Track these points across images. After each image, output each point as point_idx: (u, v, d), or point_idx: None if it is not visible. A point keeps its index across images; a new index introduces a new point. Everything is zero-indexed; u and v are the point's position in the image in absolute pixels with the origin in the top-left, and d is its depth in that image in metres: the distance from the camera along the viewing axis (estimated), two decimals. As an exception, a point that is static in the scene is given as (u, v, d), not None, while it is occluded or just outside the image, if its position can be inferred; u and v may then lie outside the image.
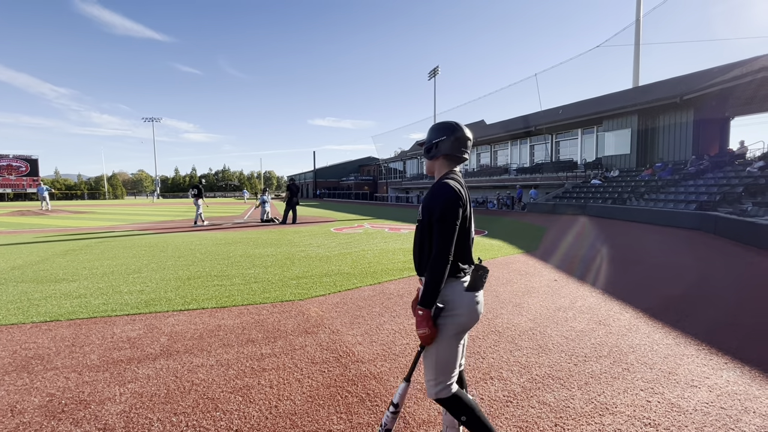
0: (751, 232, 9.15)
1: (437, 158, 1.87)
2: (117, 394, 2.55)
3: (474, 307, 1.73)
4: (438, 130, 1.86)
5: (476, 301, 1.73)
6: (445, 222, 1.64)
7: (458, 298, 1.70)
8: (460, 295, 1.71)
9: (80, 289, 5.10)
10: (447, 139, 1.82)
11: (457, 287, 1.72)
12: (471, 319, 1.73)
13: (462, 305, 1.70)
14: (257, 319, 4.01)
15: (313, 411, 2.36)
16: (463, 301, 1.70)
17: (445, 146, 1.82)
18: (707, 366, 2.96)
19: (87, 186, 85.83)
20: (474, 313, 1.73)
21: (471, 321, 1.73)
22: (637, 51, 28.07)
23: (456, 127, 1.84)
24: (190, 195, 14.90)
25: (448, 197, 1.66)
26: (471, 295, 1.72)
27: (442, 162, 1.86)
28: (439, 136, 1.84)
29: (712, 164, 16.59)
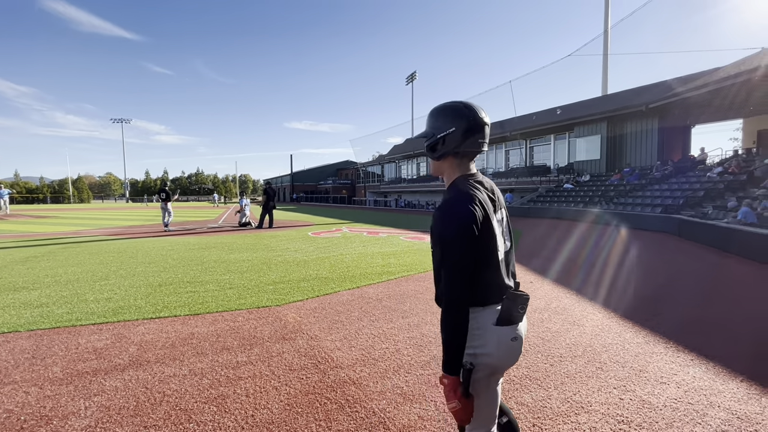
0: (711, 234, 9.64)
1: (446, 158, 1.42)
2: (82, 408, 2.42)
3: (508, 346, 1.32)
4: (443, 117, 1.39)
5: (512, 337, 1.32)
6: (451, 258, 1.24)
7: (484, 333, 1.31)
8: (487, 330, 1.31)
9: (42, 298, 4.83)
10: (456, 132, 1.35)
11: (482, 318, 1.32)
12: (502, 360, 1.33)
13: (490, 342, 1.31)
14: (232, 326, 3.90)
15: (291, 419, 2.31)
16: (491, 337, 1.31)
17: (455, 140, 1.36)
18: (675, 363, 3.08)
19: (50, 189, 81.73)
20: (508, 353, 1.33)
21: (503, 362, 1.35)
22: (605, 61, 29.22)
23: (467, 111, 1.36)
24: (155, 200, 14.40)
25: (454, 222, 1.25)
26: (502, 330, 1.31)
27: (452, 161, 1.42)
28: (446, 127, 1.36)
29: (675, 170, 17.41)
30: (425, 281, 5.81)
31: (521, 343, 1.36)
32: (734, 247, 8.48)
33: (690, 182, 15.50)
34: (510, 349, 1.33)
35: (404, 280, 5.91)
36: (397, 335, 3.65)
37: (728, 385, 2.73)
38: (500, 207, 1.45)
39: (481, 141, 1.39)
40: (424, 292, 5.21)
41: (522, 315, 1.35)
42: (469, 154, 1.42)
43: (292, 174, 71.03)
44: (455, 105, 1.39)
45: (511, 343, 1.33)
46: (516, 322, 1.34)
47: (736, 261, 7.63)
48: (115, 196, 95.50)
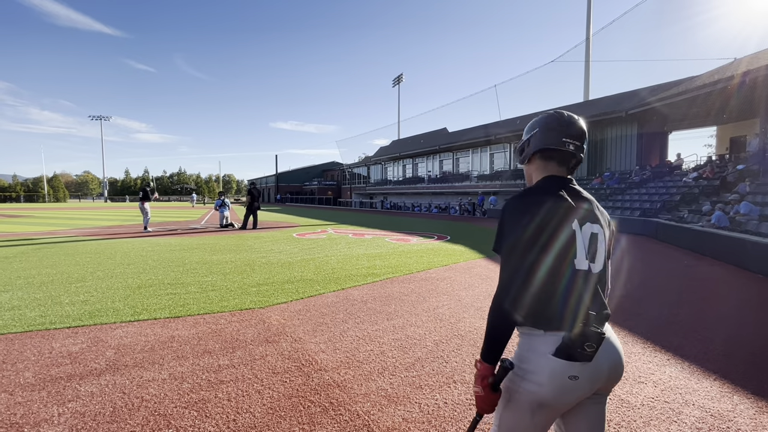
0: (687, 237, 9.96)
1: (531, 160, 1.38)
2: (55, 414, 2.33)
3: (563, 382, 1.14)
4: (532, 123, 1.38)
5: (570, 375, 1.14)
6: (501, 247, 1.22)
7: (536, 359, 1.18)
8: (542, 357, 1.17)
9: (13, 300, 4.65)
10: (539, 131, 1.32)
11: (537, 343, 1.20)
12: (556, 396, 1.16)
13: (542, 372, 1.16)
14: (214, 328, 3.83)
15: (275, 423, 2.28)
16: (544, 365, 1.16)
17: (537, 139, 1.33)
18: (652, 363, 3.16)
19: (23, 188, 79.00)
20: (563, 390, 1.15)
21: (556, 399, 1.17)
22: (587, 67, 29.91)
23: (553, 113, 1.34)
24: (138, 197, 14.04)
25: (511, 210, 1.23)
26: (558, 363, 1.14)
27: (538, 164, 1.35)
28: (532, 130, 1.35)
29: (653, 174, 17.93)
30: (410, 283, 5.82)
31: (585, 385, 1.16)
32: (708, 249, 8.77)
33: (667, 187, 15.97)
34: (565, 386, 1.15)
35: (389, 282, 5.91)
36: (382, 337, 3.65)
37: (702, 383, 2.81)
38: (593, 221, 1.25)
39: (566, 140, 1.29)
40: (409, 294, 5.22)
41: (588, 355, 1.12)
42: (555, 156, 1.32)
43: (277, 174, 70.35)
44: (546, 112, 1.35)
45: (569, 381, 1.14)
46: (579, 359, 1.13)
47: (709, 263, 7.89)
48: (93, 195, 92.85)
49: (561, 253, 1.17)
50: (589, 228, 1.23)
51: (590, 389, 1.19)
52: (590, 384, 1.17)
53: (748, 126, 18.32)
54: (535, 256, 1.16)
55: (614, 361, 1.21)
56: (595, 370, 1.16)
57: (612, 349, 1.21)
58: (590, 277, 1.21)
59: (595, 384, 1.19)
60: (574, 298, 1.17)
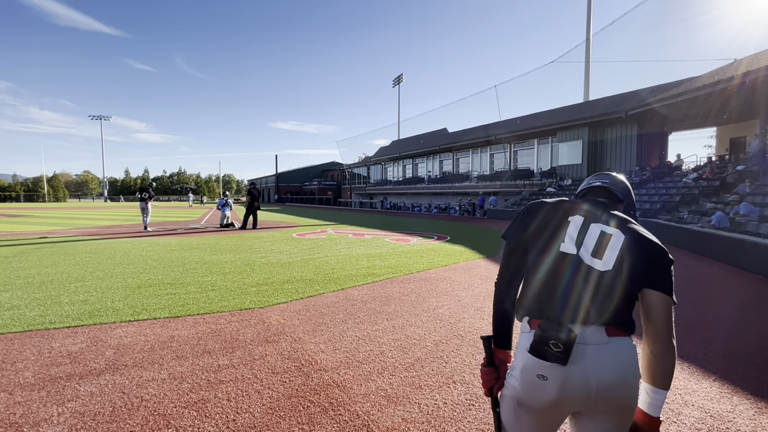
0: (687, 237, 9.97)
1: None
2: (54, 414, 2.33)
3: (531, 380, 1.12)
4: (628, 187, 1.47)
5: (537, 374, 1.11)
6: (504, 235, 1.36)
7: (517, 354, 1.20)
8: (519, 352, 1.18)
9: (13, 300, 4.65)
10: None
11: (521, 339, 1.21)
12: (525, 393, 1.14)
13: (516, 366, 1.18)
14: (214, 328, 3.83)
15: (274, 423, 2.28)
16: (519, 361, 1.17)
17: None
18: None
19: (23, 187, 78.98)
20: (531, 389, 1.13)
21: (526, 397, 1.14)
22: (587, 68, 29.93)
23: None
24: (138, 197, 14.02)
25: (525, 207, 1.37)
26: (529, 359, 1.12)
27: None
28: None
29: (653, 175, 17.94)
30: (410, 283, 5.82)
31: (554, 388, 1.09)
32: (708, 250, 8.78)
33: (667, 187, 15.99)
34: (533, 384, 1.12)
35: (389, 282, 5.91)
36: (382, 337, 3.65)
37: (702, 384, 2.81)
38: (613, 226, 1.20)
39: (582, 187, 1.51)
40: (408, 294, 5.22)
41: (555, 355, 1.07)
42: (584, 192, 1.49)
43: (277, 174, 70.37)
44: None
45: (536, 380, 1.11)
46: (545, 359, 1.08)
47: (709, 263, 7.89)
48: (93, 195, 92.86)
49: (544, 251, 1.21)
50: (598, 227, 1.20)
51: (564, 398, 1.09)
52: (561, 390, 1.08)
53: (748, 127, 18.33)
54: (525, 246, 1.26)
55: (609, 381, 1.07)
56: (570, 377, 1.07)
57: (611, 366, 1.09)
58: (591, 272, 1.14)
59: (573, 395, 1.09)
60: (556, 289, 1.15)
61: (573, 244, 1.19)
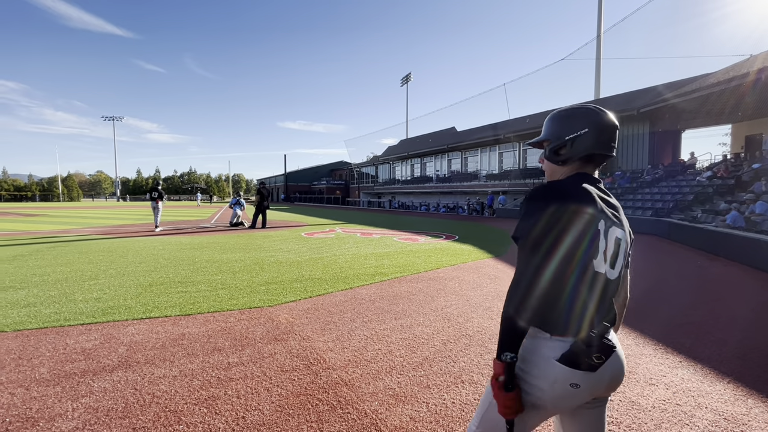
0: (700, 237, 9.79)
1: (572, 162, 1.27)
2: (69, 409, 2.38)
3: (564, 390, 1.11)
4: (572, 119, 1.25)
5: (572, 383, 1.10)
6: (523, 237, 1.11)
7: (539, 363, 1.14)
8: (545, 362, 1.13)
9: (29, 298, 4.75)
10: (590, 132, 1.22)
11: (541, 347, 1.15)
12: (555, 402, 1.13)
13: (545, 377, 1.12)
14: (224, 326, 3.87)
15: (283, 421, 2.29)
16: (548, 371, 1.12)
17: (587, 143, 1.22)
18: (664, 365, 3.11)
19: (39, 187, 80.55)
20: (562, 398, 1.12)
21: (555, 405, 1.14)
22: (598, 65, 29.54)
23: (599, 111, 1.25)
24: (148, 197, 14.24)
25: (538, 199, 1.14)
26: (562, 369, 1.10)
27: (574, 166, 1.27)
28: (576, 128, 1.23)
29: (665, 173, 17.65)
30: (418, 282, 5.82)
31: (585, 393, 1.12)
32: (722, 250, 8.61)
33: (680, 186, 15.71)
34: (566, 394, 1.11)
35: (397, 281, 5.91)
36: (390, 336, 3.65)
37: (715, 386, 2.77)
38: (620, 225, 1.21)
39: (613, 144, 1.24)
40: (416, 293, 5.22)
41: (595, 366, 1.10)
42: (597, 159, 1.25)
43: (285, 174, 70.75)
44: (584, 106, 1.27)
45: (569, 389, 1.10)
46: (582, 369, 1.10)
47: (723, 263, 7.74)
48: (106, 194, 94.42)
49: (581, 253, 1.09)
50: (614, 232, 1.17)
51: (589, 397, 1.16)
52: (590, 392, 1.14)
53: (764, 124, 17.93)
54: (555, 253, 1.07)
55: (617, 370, 1.17)
56: (597, 379, 1.13)
57: (616, 359, 1.17)
58: (608, 283, 1.15)
59: (595, 392, 1.16)
60: (588, 303, 1.11)
61: (604, 263, 1.14)
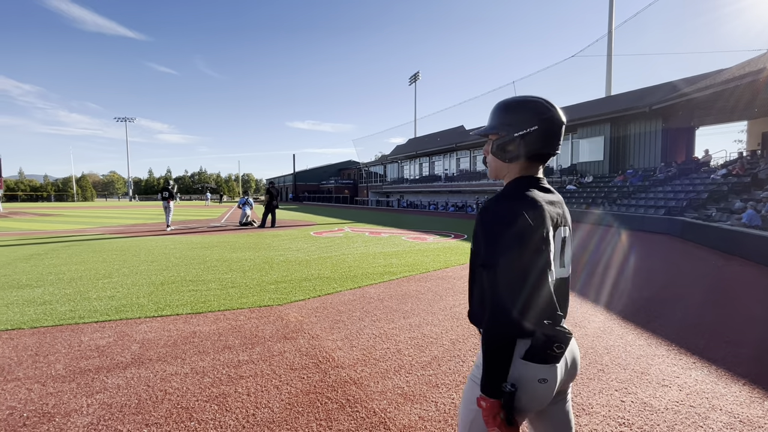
0: (715, 236, 9.60)
1: (518, 161, 1.23)
2: (84, 405, 2.43)
3: (532, 386, 1.11)
4: (522, 112, 1.20)
5: (540, 378, 1.11)
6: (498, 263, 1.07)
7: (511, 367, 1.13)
8: (513, 362, 1.12)
9: (45, 296, 4.86)
10: (539, 131, 1.18)
11: None
12: (524, 401, 1.12)
13: (511, 377, 1.11)
14: (234, 324, 3.91)
15: (292, 418, 2.31)
16: (513, 371, 1.11)
17: (537, 142, 1.19)
18: (677, 366, 3.07)
19: (54, 187, 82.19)
20: (532, 395, 1.12)
21: (526, 404, 1.12)
22: (609, 62, 29.14)
23: (550, 107, 1.19)
24: (160, 197, 14.46)
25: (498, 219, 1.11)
26: (528, 366, 1.10)
27: (523, 165, 1.24)
28: (526, 124, 1.18)
29: (679, 171, 17.34)
30: (427, 281, 5.81)
31: (553, 387, 1.13)
32: (737, 249, 8.44)
33: (694, 184, 15.42)
34: (535, 391, 1.11)
35: (406, 280, 5.91)
36: (398, 335, 3.65)
37: (730, 388, 2.71)
38: (564, 225, 1.24)
39: (558, 142, 1.22)
40: (425, 292, 5.21)
41: (558, 356, 1.10)
42: (544, 158, 1.24)
43: (294, 174, 71.13)
44: (535, 100, 1.21)
45: (537, 385, 1.11)
46: (549, 362, 1.10)
47: (739, 263, 7.59)
48: (119, 194, 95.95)
49: (543, 262, 1.11)
50: (561, 233, 1.22)
51: (552, 394, 1.15)
52: (557, 386, 1.15)
53: (781, 120, 17.50)
54: (525, 269, 1.08)
55: (573, 356, 1.23)
56: (560, 370, 1.16)
57: (572, 345, 1.22)
58: (562, 282, 1.24)
59: (559, 384, 1.17)
60: (547, 305, 1.12)
61: (557, 267, 1.22)
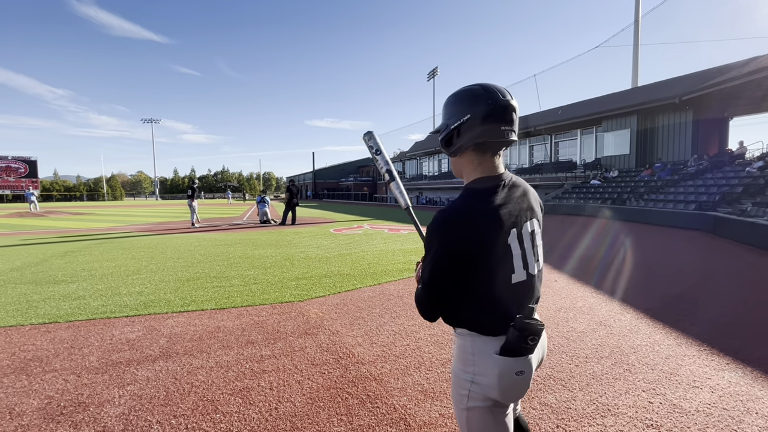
0: (750, 232, 9.14)
1: (464, 152, 1.20)
2: (116, 396, 2.53)
3: (511, 380, 1.14)
4: (457, 104, 1.17)
5: (517, 371, 1.13)
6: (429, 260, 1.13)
7: (485, 361, 1.15)
8: (489, 358, 1.14)
9: (79, 291, 5.08)
10: (473, 118, 1.12)
11: (483, 344, 1.16)
12: (505, 393, 1.15)
13: (490, 372, 1.14)
14: (257, 320, 3.99)
15: (314, 413, 2.35)
16: (492, 367, 1.14)
17: (472, 131, 1.14)
18: (709, 366, 2.95)
19: (86, 187, 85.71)
20: (511, 387, 1.15)
21: (505, 395, 1.16)
22: (636, 52, 28.10)
23: (484, 92, 1.13)
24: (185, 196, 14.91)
25: (441, 221, 1.11)
26: (505, 361, 1.12)
27: (472, 157, 1.19)
28: (461, 114, 1.14)
29: (711, 164, 16.60)
30: (446, 279, 5.76)
31: (530, 377, 1.16)
32: (775, 245, 8.02)
33: (727, 177, 14.74)
34: (514, 383, 1.14)
35: (425, 277, 5.88)
36: (418, 332, 3.65)
37: (767, 391, 2.59)
38: (530, 218, 1.20)
39: (506, 128, 1.13)
40: (445, 289, 5.17)
41: (532, 347, 1.13)
42: (492, 147, 1.16)
43: (314, 171, 71.82)
44: (470, 88, 1.17)
45: (516, 377, 1.14)
46: (523, 353, 1.13)
47: (777, 260, 7.21)
48: (146, 193, 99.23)
49: (503, 268, 1.13)
50: (529, 227, 1.19)
51: (529, 383, 1.19)
52: (532, 376, 1.18)
53: (824, 109, 16.49)
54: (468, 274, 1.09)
55: (543, 345, 1.28)
56: (534, 361, 1.19)
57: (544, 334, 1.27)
58: (532, 279, 1.21)
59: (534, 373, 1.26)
60: (515, 305, 1.16)
61: (522, 269, 1.17)
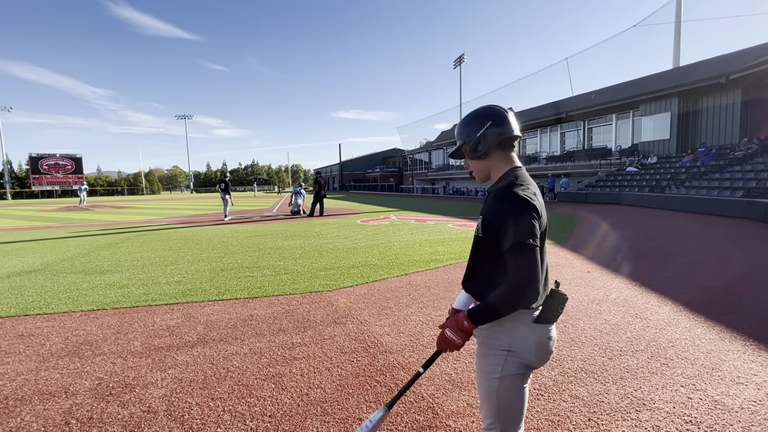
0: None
1: (491, 154, 1.43)
2: (159, 379, 2.69)
3: (544, 344, 1.35)
4: (475, 120, 1.43)
5: (548, 337, 1.35)
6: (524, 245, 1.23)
7: (525, 331, 1.34)
8: (529, 328, 1.34)
9: (123, 280, 5.39)
10: (493, 124, 1.39)
11: (523, 317, 1.34)
12: (539, 358, 1.36)
13: (529, 340, 1.34)
14: (287, 309, 4.11)
15: (343, 399, 2.41)
16: (531, 335, 1.34)
17: (496, 132, 1.39)
18: (755, 362, 2.80)
19: (126, 182, 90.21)
20: (544, 351, 1.36)
21: (539, 360, 1.37)
22: (677, 29, 26.40)
23: (488, 108, 1.44)
24: (218, 189, 15.41)
25: (523, 204, 1.28)
26: (541, 328, 1.34)
27: (499, 156, 1.43)
28: (481, 125, 1.41)
29: (761, 148, 15.49)
30: (474, 269, 5.71)
31: (555, 342, 1.40)
32: (834, 235, 7.43)
33: (780, 162, 13.73)
34: (547, 348, 1.37)
35: (452, 267, 5.86)
36: (446, 323, 3.64)
37: (821, 389, 2.43)
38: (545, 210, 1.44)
39: (515, 126, 1.43)
40: (473, 280, 5.13)
41: (559, 315, 1.37)
42: (511, 142, 1.43)
43: (341, 163, 72.38)
44: (480, 110, 1.46)
45: (548, 342, 1.36)
46: (553, 321, 1.37)
47: (836, 251, 6.69)
48: (181, 187, 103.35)
49: (544, 241, 1.37)
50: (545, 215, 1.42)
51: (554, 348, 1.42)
52: (555, 344, 1.42)
53: None
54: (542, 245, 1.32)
55: None
56: (554, 330, 1.40)
57: None
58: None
59: None
60: (545, 275, 1.39)
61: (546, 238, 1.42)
